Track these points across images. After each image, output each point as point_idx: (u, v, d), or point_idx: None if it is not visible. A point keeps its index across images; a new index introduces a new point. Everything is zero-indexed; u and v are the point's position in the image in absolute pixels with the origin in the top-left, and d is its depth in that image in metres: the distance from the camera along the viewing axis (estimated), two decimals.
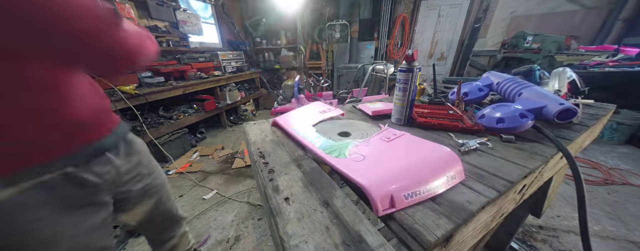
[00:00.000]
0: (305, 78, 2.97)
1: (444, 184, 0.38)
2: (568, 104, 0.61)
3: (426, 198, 0.37)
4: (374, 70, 2.88)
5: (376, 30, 4.34)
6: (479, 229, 0.39)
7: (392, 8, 4.17)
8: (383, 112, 0.82)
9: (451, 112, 0.76)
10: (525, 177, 0.44)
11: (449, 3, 4.00)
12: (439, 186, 0.38)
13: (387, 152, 0.49)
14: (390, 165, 0.42)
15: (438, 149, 0.46)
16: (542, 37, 3.11)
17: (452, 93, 0.91)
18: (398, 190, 0.35)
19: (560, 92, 0.80)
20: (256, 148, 0.61)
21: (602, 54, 2.68)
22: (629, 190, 1.76)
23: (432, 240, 0.30)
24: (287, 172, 0.49)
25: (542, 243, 1.33)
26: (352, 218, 0.34)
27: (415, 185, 0.36)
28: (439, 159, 0.43)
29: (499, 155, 0.51)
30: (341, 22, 4.21)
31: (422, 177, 0.38)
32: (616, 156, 2.25)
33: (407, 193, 0.35)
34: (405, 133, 0.57)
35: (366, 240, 0.31)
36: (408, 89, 0.66)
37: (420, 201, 0.36)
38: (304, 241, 0.31)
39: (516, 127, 0.58)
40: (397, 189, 0.35)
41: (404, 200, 0.35)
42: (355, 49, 4.49)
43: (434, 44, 4.42)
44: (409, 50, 0.63)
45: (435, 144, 0.48)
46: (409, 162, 0.43)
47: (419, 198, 0.36)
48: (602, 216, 1.49)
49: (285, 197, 0.40)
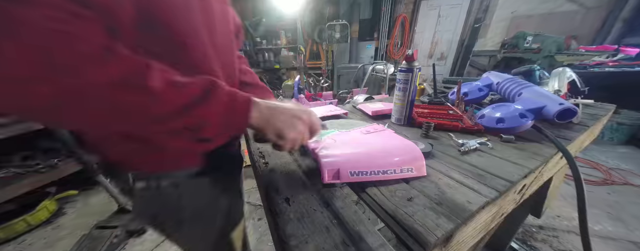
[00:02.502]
0: (305, 79, 2.97)
1: (397, 173, 0.43)
2: (568, 104, 0.61)
3: (372, 179, 0.42)
4: (374, 70, 2.88)
5: (376, 30, 4.35)
6: (479, 229, 0.39)
7: (392, 8, 4.17)
8: (383, 112, 0.82)
9: (451, 112, 0.76)
10: (525, 177, 0.44)
11: (449, 3, 4.00)
12: (389, 173, 0.42)
13: (357, 140, 0.54)
14: (350, 149, 0.48)
15: (405, 144, 0.50)
16: (542, 37, 3.11)
17: (452, 93, 0.91)
18: (345, 167, 0.42)
19: (560, 92, 0.80)
20: (256, 148, 0.61)
21: (602, 54, 2.68)
22: (629, 190, 1.75)
23: (432, 240, 0.30)
24: (287, 172, 0.49)
25: (542, 243, 1.33)
26: (352, 218, 0.35)
27: (363, 167, 0.42)
28: (399, 151, 0.47)
29: (499, 155, 0.51)
30: (341, 22, 4.21)
31: (373, 161, 0.43)
32: (616, 156, 2.24)
33: (352, 171, 0.41)
34: (388, 129, 0.60)
35: (366, 240, 0.31)
36: (408, 89, 0.66)
37: (365, 181, 0.42)
38: (304, 242, 0.31)
39: (516, 127, 0.58)
40: (345, 166, 0.42)
41: (348, 175, 0.41)
42: (355, 49, 4.49)
43: (434, 44, 4.42)
44: (409, 50, 0.63)
45: (407, 141, 0.51)
46: (370, 149, 0.48)
47: (363, 178, 0.42)
48: (602, 216, 1.49)
49: (285, 197, 0.40)
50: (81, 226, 1.57)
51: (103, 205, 1.77)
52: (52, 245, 1.44)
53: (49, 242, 1.46)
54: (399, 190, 0.40)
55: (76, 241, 1.34)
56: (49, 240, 1.48)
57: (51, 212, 1.64)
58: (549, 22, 3.44)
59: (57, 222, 1.63)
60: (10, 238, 1.45)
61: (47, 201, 1.59)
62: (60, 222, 1.63)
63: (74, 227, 1.58)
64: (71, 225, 1.60)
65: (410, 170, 0.43)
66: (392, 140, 0.53)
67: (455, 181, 0.42)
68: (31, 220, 1.50)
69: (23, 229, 1.49)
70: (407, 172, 0.43)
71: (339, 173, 0.41)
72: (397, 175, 0.43)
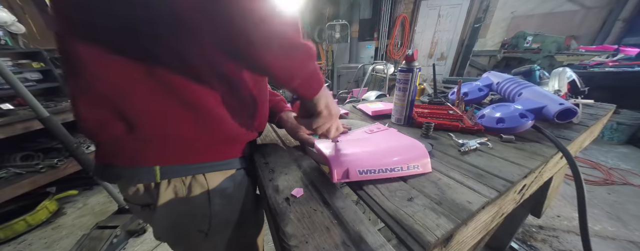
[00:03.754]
0: None
1: (403, 171, 0.43)
2: (568, 104, 0.61)
3: (380, 177, 0.43)
4: (374, 70, 2.88)
5: (376, 30, 4.34)
6: (479, 229, 0.39)
7: (392, 8, 4.17)
8: (383, 112, 0.82)
9: (451, 112, 0.76)
10: (525, 177, 0.44)
11: (449, 3, 4.00)
12: (397, 171, 0.43)
13: (362, 139, 0.55)
14: (358, 149, 0.49)
15: (410, 142, 0.50)
16: (542, 37, 3.11)
17: (452, 93, 0.91)
18: (354, 166, 0.42)
19: (560, 92, 0.80)
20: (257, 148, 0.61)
21: (602, 54, 2.68)
22: (629, 190, 1.75)
23: (432, 240, 0.30)
24: (287, 172, 0.49)
25: (542, 243, 1.33)
26: (352, 218, 0.35)
27: (371, 165, 0.43)
28: (405, 150, 0.47)
29: (499, 155, 0.51)
30: (341, 22, 4.21)
31: (380, 160, 0.44)
32: (616, 156, 2.25)
33: (361, 170, 0.42)
34: (391, 129, 0.61)
35: (366, 240, 0.31)
36: (408, 89, 0.66)
37: (374, 179, 0.42)
38: (304, 242, 0.31)
39: (516, 127, 0.58)
40: (354, 165, 0.42)
41: (357, 174, 0.42)
42: (355, 49, 4.49)
43: (434, 44, 4.42)
44: (409, 50, 0.63)
45: (412, 139, 0.52)
46: (376, 148, 0.49)
47: (372, 176, 0.42)
48: (602, 216, 1.49)
49: (285, 197, 0.40)
50: (81, 226, 1.57)
51: (103, 205, 1.77)
52: (52, 245, 1.44)
53: (49, 242, 1.46)
54: (399, 190, 0.40)
55: (76, 241, 1.34)
56: (49, 240, 1.48)
57: (51, 212, 1.64)
58: (549, 22, 3.45)
59: (57, 222, 1.63)
60: (10, 238, 1.45)
61: (47, 201, 1.59)
62: (60, 222, 1.63)
63: (74, 227, 1.58)
64: (71, 225, 1.60)
65: (417, 167, 0.44)
66: (396, 138, 0.54)
67: (455, 181, 0.42)
68: (31, 220, 1.50)
69: (23, 229, 1.49)
70: (414, 169, 0.44)
71: (348, 172, 0.42)
72: (404, 173, 0.43)
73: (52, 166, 1.59)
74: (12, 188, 1.41)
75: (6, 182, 1.44)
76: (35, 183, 1.51)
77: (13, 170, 1.51)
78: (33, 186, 1.50)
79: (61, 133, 1.17)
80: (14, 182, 1.44)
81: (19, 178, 1.48)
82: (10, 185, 1.41)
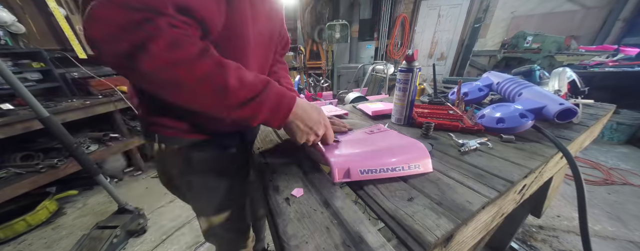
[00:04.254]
0: (305, 78, 2.97)
1: (404, 170, 0.43)
2: (568, 104, 0.60)
3: (381, 177, 0.43)
4: (374, 70, 2.88)
5: (376, 30, 4.34)
6: (479, 229, 0.39)
7: (392, 8, 4.16)
8: (383, 112, 0.82)
9: (451, 112, 0.76)
10: (525, 177, 0.44)
11: (449, 3, 4.00)
12: (398, 170, 0.43)
13: (362, 140, 0.55)
14: (358, 149, 0.49)
15: (411, 142, 0.50)
16: (542, 37, 3.11)
17: (452, 93, 0.91)
18: (355, 166, 0.42)
19: (560, 92, 0.79)
20: (256, 148, 0.61)
21: (602, 54, 2.68)
22: (629, 190, 1.75)
23: (432, 240, 0.30)
24: (287, 172, 0.49)
25: (542, 243, 1.33)
26: (352, 218, 0.34)
27: (372, 165, 0.43)
28: (406, 149, 0.47)
29: (499, 155, 0.51)
30: (341, 22, 4.20)
31: (381, 159, 0.44)
32: (616, 156, 2.24)
33: (362, 169, 0.42)
34: (391, 130, 0.61)
35: (366, 240, 0.31)
36: (408, 89, 0.66)
37: (374, 178, 0.42)
38: (304, 242, 0.31)
39: (516, 127, 0.58)
40: (355, 165, 0.42)
41: (358, 174, 0.42)
42: (355, 49, 4.48)
43: (434, 44, 4.42)
44: (409, 50, 0.63)
45: (412, 139, 0.52)
46: (376, 148, 0.49)
47: (373, 176, 0.42)
48: (602, 216, 1.49)
49: (285, 197, 0.40)
50: (81, 226, 1.57)
51: (103, 205, 1.77)
52: (52, 245, 1.44)
53: (49, 242, 1.46)
54: (399, 190, 0.40)
55: (76, 241, 1.34)
56: (49, 240, 1.48)
57: (51, 212, 1.63)
58: (549, 22, 3.44)
59: (57, 222, 1.63)
60: (10, 238, 1.45)
61: (47, 201, 1.59)
62: (60, 222, 1.63)
63: (74, 227, 1.58)
64: (71, 225, 1.60)
65: (418, 166, 0.44)
66: (397, 139, 0.54)
67: (455, 181, 0.42)
68: (31, 220, 1.50)
69: (23, 229, 1.49)
70: (415, 169, 0.44)
71: (349, 172, 0.42)
72: (404, 172, 0.43)
73: (52, 166, 1.59)
74: (12, 188, 1.41)
75: (6, 182, 1.43)
76: (35, 183, 1.50)
77: (13, 170, 1.51)
78: (33, 186, 1.50)
79: (61, 133, 1.17)
80: (14, 181, 1.44)
81: (19, 178, 1.47)
82: (10, 185, 1.41)
